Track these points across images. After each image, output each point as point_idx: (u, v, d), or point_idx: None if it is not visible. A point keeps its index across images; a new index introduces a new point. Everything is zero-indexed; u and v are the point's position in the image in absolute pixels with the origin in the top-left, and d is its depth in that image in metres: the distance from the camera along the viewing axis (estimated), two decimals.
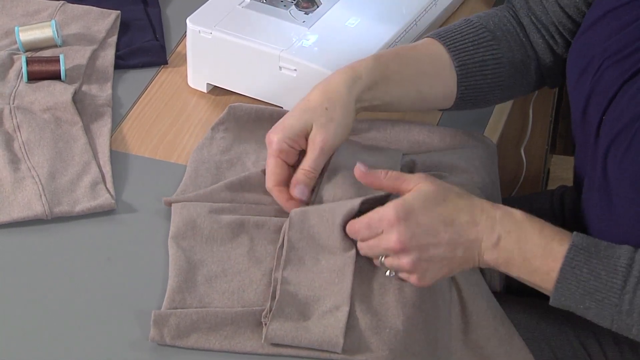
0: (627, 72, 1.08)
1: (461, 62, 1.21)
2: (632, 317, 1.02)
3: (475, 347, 1.13)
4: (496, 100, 1.28)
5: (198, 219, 1.15)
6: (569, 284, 1.03)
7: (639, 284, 1.01)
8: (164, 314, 1.05)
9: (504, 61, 1.22)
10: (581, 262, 1.03)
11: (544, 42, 1.24)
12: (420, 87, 1.20)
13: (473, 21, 1.24)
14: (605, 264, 1.02)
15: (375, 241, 1.06)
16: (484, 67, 1.22)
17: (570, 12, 1.21)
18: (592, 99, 1.12)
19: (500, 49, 1.22)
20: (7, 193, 1.20)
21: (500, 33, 1.23)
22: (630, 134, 1.05)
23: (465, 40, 1.22)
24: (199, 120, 1.34)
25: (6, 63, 1.37)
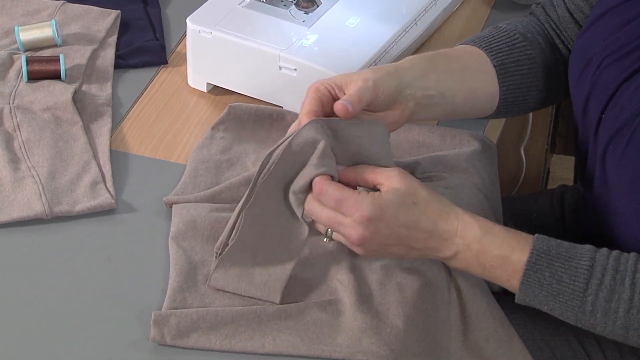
0: (626, 70, 1.08)
1: (499, 61, 1.21)
2: (596, 317, 1.03)
3: (474, 348, 1.13)
4: (535, 103, 1.26)
5: (198, 219, 1.15)
6: (532, 287, 1.04)
7: (600, 285, 1.02)
8: (164, 314, 1.05)
9: (537, 61, 1.23)
10: (543, 266, 1.03)
11: (565, 47, 1.25)
12: (470, 82, 1.20)
13: (502, 27, 1.25)
14: (567, 267, 1.03)
15: (335, 218, 1.04)
16: (520, 67, 1.22)
17: (577, 17, 1.22)
18: (592, 97, 1.13)
19: (533, 50, 1.23)
20: (7, 192, 1.20)
21: (530, 35, 1.24)
22: (629, 132, 1.05)
23: (499, 42, 1.22)
24: (199, 119, 1.34)
25: (6, 63, 1.37)
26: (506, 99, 1.22)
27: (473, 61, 1.21)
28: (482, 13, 1.54)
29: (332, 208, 1.04)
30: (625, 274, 1.02)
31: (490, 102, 1.22)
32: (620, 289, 1.01)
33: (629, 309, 1.01)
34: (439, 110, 1.18)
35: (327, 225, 1.06)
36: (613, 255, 1.03)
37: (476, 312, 1.13)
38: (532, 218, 1.43)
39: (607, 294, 1.01)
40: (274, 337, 1.05)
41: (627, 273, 1.02)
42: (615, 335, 1.04)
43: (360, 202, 1.03)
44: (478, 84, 1.20)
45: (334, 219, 1.04)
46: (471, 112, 1.23)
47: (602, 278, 1.02)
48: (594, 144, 1.13)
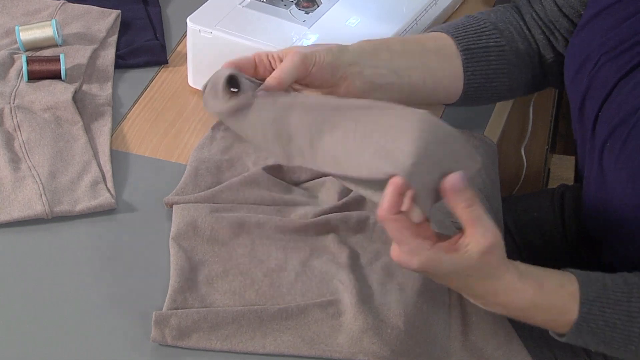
0: (623, 68, 1.08)
1: (465, 46, 1.20)
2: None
3: (474, 348, 1.13)
4: (503, 91, 1.25)
5: (199, 220, 1.15)
6: (583, 336, 1.02)
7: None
8: (165, 314, 1.05)
9: (506, 49, 1.23)
10: (596, 315, 1.00)
11: (545, 38, 1.24)
12: (428, 62, 1.18)
13: (475, 16, 1.25)
14: (619, 312, 1.00)
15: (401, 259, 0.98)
16: (488, 53, 1.22)
17: (566, 11, 1.22)
18: (589, 95, 1.13)
19: (503, 37, 1.23)
20: (7, 192, 1.20)
21: (502, 25, 1.24)
22: (627, 129, 1.05)
23: (467, 29, 1.22)
24: (199, 119, 1.34)
25: (6, 62, 1.37)
26: (471, 83, 1.21)
27: (434, 44, 1.20)
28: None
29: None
30: None
31: (453, 85, 1.21)
32: None
33: None
34: (395, 90, 1.16)
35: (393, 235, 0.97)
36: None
37: (476, 313, 1.13)
38: (532, 218, 1.43)
39: None
40: (274, 337, 1.05)
41: None
42: None
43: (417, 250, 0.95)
44: (438, 65, 1.19)
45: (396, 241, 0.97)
46: (435, 95, 1.21)
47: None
48: (591, 142, 1.13)
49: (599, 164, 1.11)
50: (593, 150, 1.12)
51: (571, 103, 1.18)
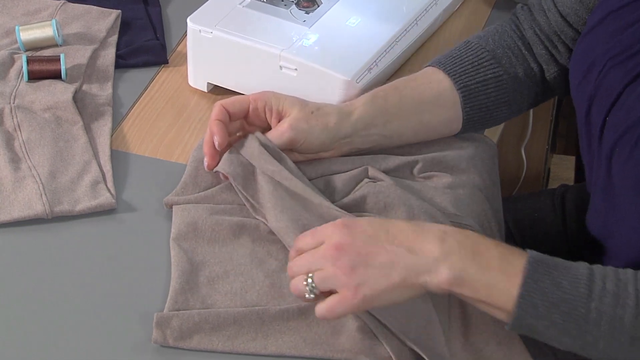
0: (630, 73, 1.08)
1: (462, 84, 1.22)
2: (600, 328, 0.98)
3: (474, 349, 1.13)
4: (505, 116, 1.27)
5: (199, 221, 1.15)
6: (532, 298, 0.98)
7: (603, 291, 0.98)
8: (167, 315, 1.05)
9: (505, 78, 1.23)
10: (542, 274, 0.99)
11: (547, 53, 1.25)
12: (422, 117, 1.21)
13: (472, 43, 1.26)
14: (566, 274, 0.99)
15: (311, 252, 1.01)
16: (486, 86, 1.23)
17: (571, 20, 1.22)
18: (596, 100, 1.12)
19: (501, 66, 1.24)
20: (7, 192, 1.20)
21: (500, 51, 1.25)
22: (636, 135, 1.05)
23: (464, 62, 1.23)
24: (199, 119, 1.34)
25: (7, 62, 1.37)
26: (471, 119, 1.23)
27: (430, 93, 1.22)
28: (483, 13, 1.54)
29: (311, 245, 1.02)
30: (627, 281, 0.98)
31: (450, 127, 1.24)
32: (625, 294, 0.98)
33: (636, 315, 0.97)
34: (385, 147, 1.22)
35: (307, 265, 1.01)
36: (609, 267, 1.00)
37: (476, 314, 1.13)
38: (533, 218, 1.43)
39: (612, 299, 0.97)
40: (276, 338, 1.05)
41: (629, 280, 0.98)
42: (621, 351, 0.99)
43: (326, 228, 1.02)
44: (431, 117, 1.22)
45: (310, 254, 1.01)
46: (430, 138, 1.25)
47: (604, 285, 0.98)
48: (598, 147, 1.13)
49: (606, 170, 1.11)
50: (600, 156, 1.12)
51: (577, 109, 1.18)
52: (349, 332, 1.05)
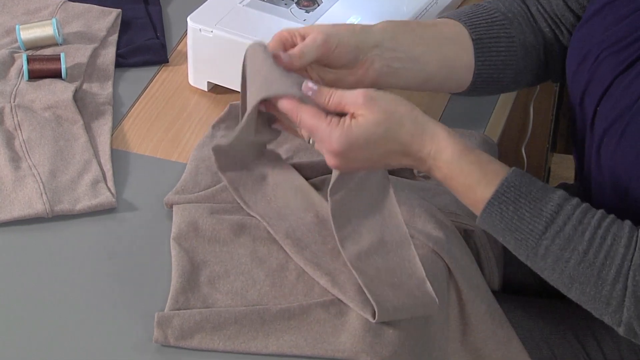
0: (622, 63, 1.09)
1: (477, 35, 1.20)
2: (546, 262, 1.02)
3: (472, 349, 1.13)
4: (508, 82, 1.25)
5: (200, 220, 1.15)
6: (492, 217, 1.03)
7: (559, 233, 1.00)
8: (167, 315, 1.05)
9: (516, 41, 1.22)
10: (509, 199, 1.02)
11: (551, 30, 1.24)
12: (446, 51, 1.19)
13: (483, 5, 1.24)
14: (532, 207, 1.02)
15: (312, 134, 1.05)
16: (498, 44, 1.21)
17: (572, 6, 1.21)
18: (589, 90, 1.13)
19: (513, 29, 1.22)
20: (7, 191, 1.20)
21: (511, 15, 1.23)
22: (623, 124, 1.06)
23: (479, 17, 1.22)
24: (199, 118, 1.34)
25: (7, 61, 1.37)
26: (480, 74, 1.21)
27: (451, 32, 1.20)
28: None
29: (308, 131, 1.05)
30: (587, 227, 1.00)
31: (465, 75, 1.21)
32: (578, 240, 1.00)
33: (580, 262, 1.00)
34: (410, 76, 1.17)
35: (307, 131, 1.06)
36: (581, 208, 1.02)
37: (475, 313, 1.13)
38: None
39: (564, 242, 1.00)
40: (277, 337, 1.05)
41: (589, 227, 1.00)
42: (560, 284, 1.03)
43: (330, 136, 1.03)
44: (454, 54, 1.19)
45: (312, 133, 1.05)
46: (445, 83, 1.22)
47: (563, 226, 1.00)
48: (590, 137, 1.13)
49: (596, 160, 1.11)
50: (591, 145, 1.13)
51: (571, 97, 1.18)
52: (349, 331, 1.05)
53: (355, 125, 1.03)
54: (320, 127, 1.03)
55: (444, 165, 1.04)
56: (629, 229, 1.01)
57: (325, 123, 1.03)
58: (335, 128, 1.03)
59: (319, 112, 1.04)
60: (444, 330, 1.12)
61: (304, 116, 1.04)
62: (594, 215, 1.01)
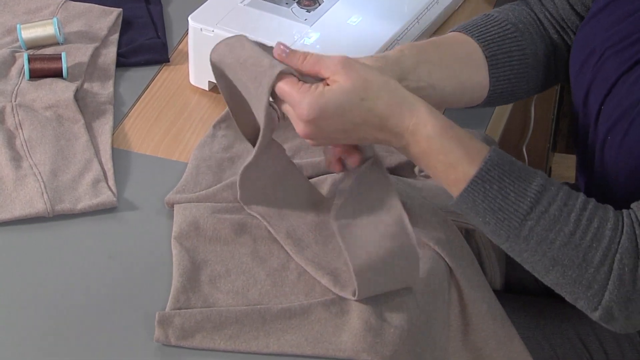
0: (626, 62, 1.08)
1: (491, 52, 1.19)
2: (528, 243, 1.00)
3: (473, 348, 1.13)
4: (522, 93, 1.25)
5: (201, 220, 1.15)
6: (475, 196, 1.00)
7: (544, 213, 0.99)
8: (168, 314, 1.05)
9: (528, 53, 1.21)
10: (494, 177, 1.00)
11: (559, 36, 1.24)
12: (460, 73, 1.18)
13: (494, 16, 1.23)
14: (516, 186, 1.00)
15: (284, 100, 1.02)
16: (511, 58, 1.21)
17: (577, 8, 1.22)
18: (593, 88, 1.13)
19: (524, 40, 1.21)
20: (8, 190, 1.20)
21: (522, 25, 1.22)
22: (627, 123, 1.06)
23: (491, 32, 1.21)
24: (200, 117, 1.34)
25: (8, 61, 1.37)
26: (495, 90, 1.21)
27: (464, 51, 1.19)
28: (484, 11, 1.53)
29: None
30: (572, 209, 0.99)
31: (479, 93, 1.21)
32: (564, 222, 0.99)
33: (566, 243, 0.99)
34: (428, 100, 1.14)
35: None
36: (564, 189, 1.01)
37: (477, 313, 1.13)
38: None
39: (549, 223, 0.99)
40: (278, 336, 1.05)
41: (575, 209, 0.99)
42: (539, 266, 1.01)
43: (300, 101, 1.00)
44: (468, 75, 1.19)
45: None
46: (459, 103, 1.22)
47: (548, 207, 0.99)
48: (594, 135, 1.13)
49: (600, 157, 1.11)
50: (595, 144, 1.13)
51: (575, 97, 1.18)
52: (350, 331, 1.05)
53: (329, 91, 0.99)
54: (291, 92, 1.00)
55: (424, 140, 1.01)
56: (613, 212, 1.00)
57: (296, 88, 1.00)
58: (306, 93, 0.99)
59: (292, 77, 1.01)
60: (445, 330, 1.12)
61: (279, 83, 1.01)
62: (577, 197, 1.00)
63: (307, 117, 1.00)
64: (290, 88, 1.00)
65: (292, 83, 1.00)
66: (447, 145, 1.01)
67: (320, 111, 0.99)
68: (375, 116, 1.00)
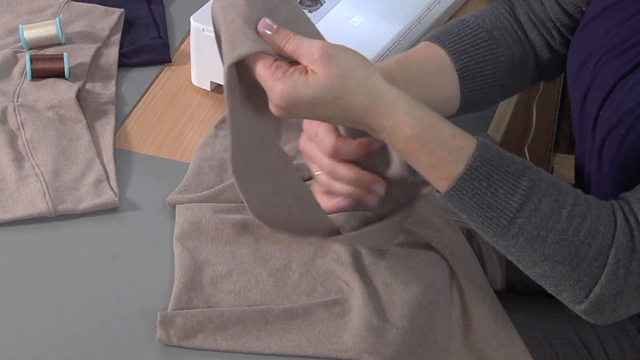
0: (623, 67, 1.08)
1: (462, 64, 1.18)
2: (517, 240, 0.98)
3: (474, 349, 1.13)
4: (497, 99, 1.25)
5: (202, 220, 1.15)
6: (462, 194, 0.98)
7: (535, 211, 0.97)
8: (170, 314, 1.05)
9: (502, 60, 1.21)
10: (482, 175, 0.97)
11: (542, 38, 1.23)
12: (425, 91, 1.17)
13: (469, 21, 1.22)
14: (505, 183, 0.97)
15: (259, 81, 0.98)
16: (484, 68, 1.20)
17: (568, 8, 1.21)
18: (590, 94, 1.13)
19: (499, 47, 1.21)
20: (10, 191, 1.20)
21: (497, 32, 1.22)
22: (625, 128, 1.05)
23: (463, 41, 1.19)
24: (202, 118, 1.34)
25: (10, 61, 1.37)
26: (467, 99, 1.20)
27: (433, 68, 1.18)
28: None
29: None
30: (564, 204, 0.97)
31: (450, 105, 1.20)
32: (556, 218, 0.97)
33: (558, 241, 0.97)
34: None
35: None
36: (552, 183, 0.99)
37: (478, 314, 1.13)
38: None
39: (541, 220, 0.97)
40: (280, 337, 1.05)
41: (566, 205, 0.97)
42: (527, 262, 1.00)
43: (272, 88, 0.95)
44: (434, 93, 1.17)
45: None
46: None
47: (539, 204, 0.97)
48: (591, 140, 1.13)
49: (597, 163, 1.11)
50: (592, 149, 1.12)
51: (572, 101, 1.18)
52: (352, 331, 1.05)
53: (303, 83, 0.95)
54: (265, 77, 0.96)
55: (404, 142, 0.98)
56: (605, 206, 0.99)
57: (270, 72, 0.95)
58: (278, 81, 0.95)
59: (268, 59, 0.96)
60: (446, 330, 1.12)
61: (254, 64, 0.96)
62: (567, 191, 0.99)
63: (277, 104, 0.96)
64: (264, 71, 0.96)
65: (267, 66, 0.96)
66: (428, 146, 0.98)
67: (291, 102, 0.95)
68: (350, 113, 0.97)
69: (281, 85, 0.95)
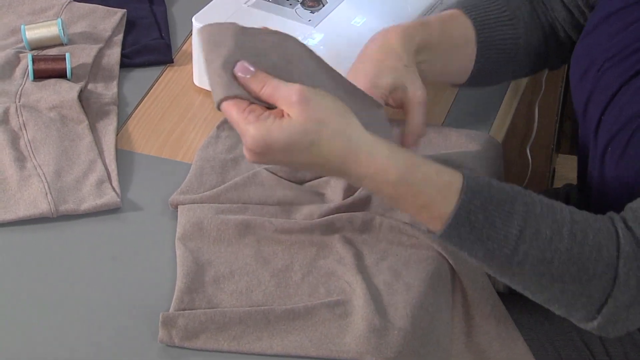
0: (626, 73, 1.08)
1: (483, 37, 1.19)
2: (523, 267, 0.96)
3: (477, 350, 1.13)
4: (508, 76, 1.27)
5: (205, 220, 1.15)
6: (460, 230, 0.96)
7: (536, 234, 0.96)
8: (172, 315, 1.05)
9: (520, 42, 1.22)
10: (477, 207, 0.95)
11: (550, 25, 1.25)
12: (452, 58, 1.19)
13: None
14: (501, 211, 0.95)
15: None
16: (502, 43, 1.21)
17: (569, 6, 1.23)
18: (592, 99, 1.13)
19: (519, 28, 1.22)
20: (13, 191, 1.20)
21: (519, 13, 1.23)
22: (628, 134, 1.05)
23: (488, 15, 1.20)
24: (204, 118, 1.34)
25: (12, 61, 1.37)
26: (480, 70, 1.21)
27: (462, 39, 1.19)
28: None
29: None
30: (563, 223, 0.96)
31: (462, 77, 1.22)
32: (558, 239, 0.96)
33: (565, 260, 0.96)
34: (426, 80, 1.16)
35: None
36: (545, 203, 0.98)
37: (480, 314, 1.13)
38: None
39: (543, 243, 0.95)
40: (282, 338, 1.05)
41: (565, 223, 0.97)
42: (535, 287, 0.98)
43: (245, 133, 0.94)
44: (457, 61, 1.19)
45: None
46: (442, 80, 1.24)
47: (539, 227, 0.96)
48: (594, 146, 1.13)
49: (600, 169, 1.11)
50: (595, 155, 1.13)
51: (575, 107, 1.19)
52: (354, 332, 1.05)
53: (277, 127, 0.93)
54: (237, 121, 0.94)
55: (390, 187, 0.96)
56: (602, 218, 0.99)
57: (242, 117, 0.94)
58: (251, 125, 0.93)
59: (241, 103, 0.95)
60: (448, 332, 1.12)
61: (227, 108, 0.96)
62: (561, 209, 0.98)
63: (251, 148, 0.95)
64: (237, 115, 0.94)
65: (240, 110, 0.94)
66: (415, 187, 0.96)
67: (265, 146, 0.94)
68: (327, 161, 0.95)
69: (253, 130, 0.93)
